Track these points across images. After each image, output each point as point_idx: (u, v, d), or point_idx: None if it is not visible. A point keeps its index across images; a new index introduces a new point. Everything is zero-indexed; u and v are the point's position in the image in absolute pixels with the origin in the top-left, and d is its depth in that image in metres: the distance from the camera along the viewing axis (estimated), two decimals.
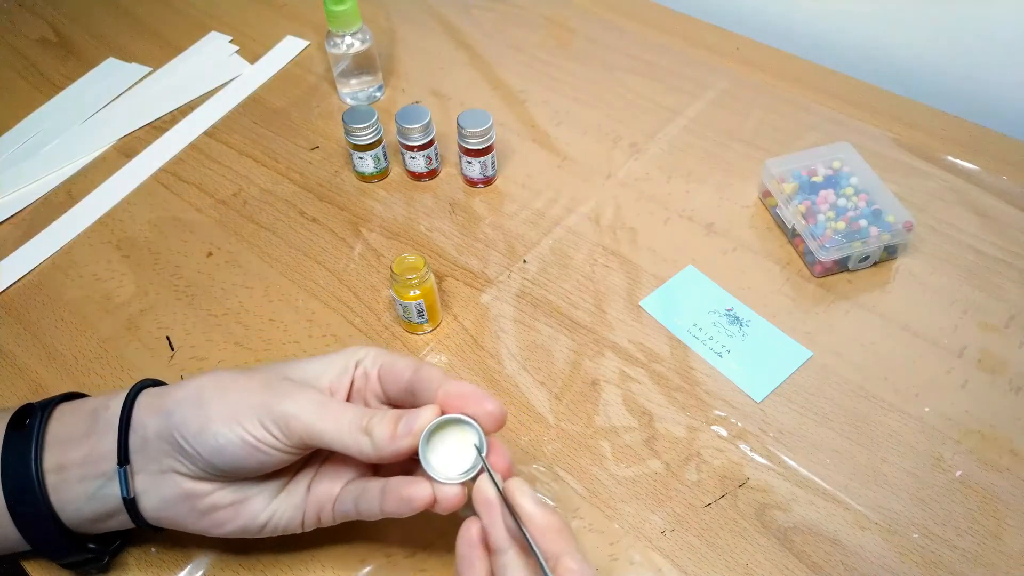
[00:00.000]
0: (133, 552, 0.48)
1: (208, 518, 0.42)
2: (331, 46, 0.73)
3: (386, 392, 0.44)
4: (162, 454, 0.41)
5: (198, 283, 0.62)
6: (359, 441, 0.40)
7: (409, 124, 0.65)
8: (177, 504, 0.41)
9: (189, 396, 0.41)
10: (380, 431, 0.40)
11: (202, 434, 0.39)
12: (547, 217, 0.66)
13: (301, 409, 0.40)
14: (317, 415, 0.40)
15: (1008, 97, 0.75)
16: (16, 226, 0.68)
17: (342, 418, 0.40)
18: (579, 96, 0.76)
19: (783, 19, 0.84)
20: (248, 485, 0.42)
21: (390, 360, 0.44)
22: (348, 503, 0.42)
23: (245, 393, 0.41)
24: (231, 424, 0.39)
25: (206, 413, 0.40)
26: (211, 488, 0.41)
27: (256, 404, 0.40)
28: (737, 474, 0.50)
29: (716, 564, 0.46)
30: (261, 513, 0.42)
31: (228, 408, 0.40)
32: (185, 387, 0.42)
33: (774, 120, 0.73)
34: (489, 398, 0.40)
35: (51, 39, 0.88)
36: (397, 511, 0.40)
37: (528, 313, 0.59)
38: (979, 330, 0.57)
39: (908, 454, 0.51)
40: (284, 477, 0.43)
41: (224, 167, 0.72)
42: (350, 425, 0.40)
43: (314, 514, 0.43)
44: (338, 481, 0.43)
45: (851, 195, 0.61)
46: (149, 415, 0.41)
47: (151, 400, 0.42)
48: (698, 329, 0.58)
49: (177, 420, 0.40)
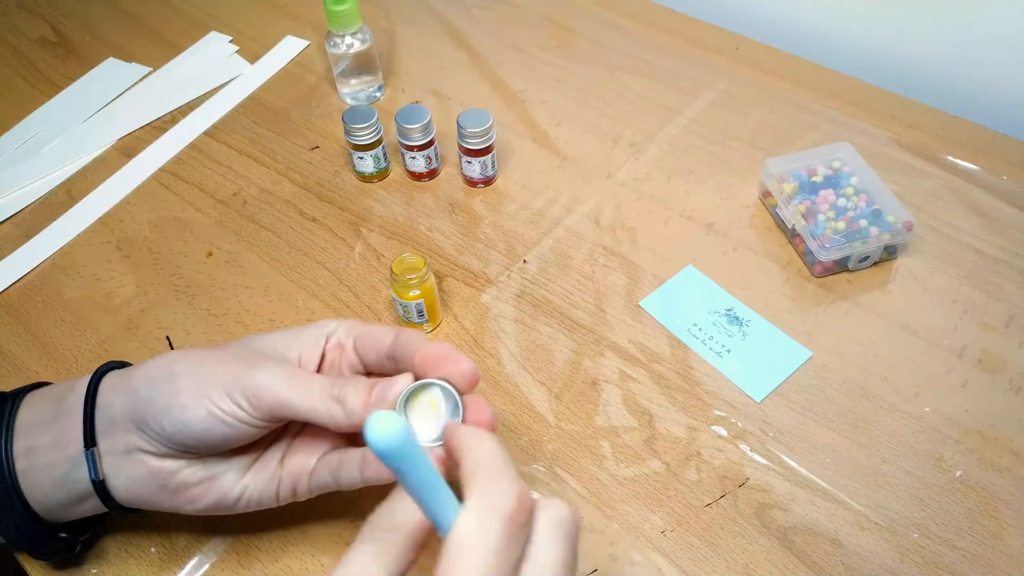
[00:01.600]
0: (133, 552, 0.48)
1: (180, 496, 0.41)
2: (331, 46, 0.73)
3: (364, 361, 0.43)
4: (128, 433, 0.40)
5: (198, 283, 0.62)
6: (331, 410, 0.39)
7: (409, 124, 0.65)
8: (146, 483, 0.41)
9: (156, 373, 0.41)
10: (353, 399, 0.39)
11: (170, 410, 0.39)
12: (547, 217, 0.66)
13: (270, 380, 0.39)
14: (287, 385, 0.39)
15: (1008, 97, 0.75)
16: (16, 226, 0.68)
17: (312, 387, 0.40)
18: (579, 96, 0.76)
19: (783, 19, 0.84)
20: (217, 461, 0.42)
21: (366, 329, 0.43)
22: (325, 475, 0.42)
23: (213, 367, 0.40)
24: (199, 398, 0.39)
25: (174, 388, 0.39)
26: (179, 466, 0.41)
27: (224, 377, 0.40)
28: (737, 474, 0.50)
29: (716, 564, 0.46)
30: (233, 488, 0.42)
31: (196, 382, 0.39)
32: (152, 364, 0.41)
33: (774, 120, 0.73)
34: (462, 358, 0.40)
35: (51, 39, 0.88)
36: (379, 478, 0.40)
37: (528, 313, 0.59)
38: (979, 330, 0.57)
39: (908, 454, 0.51)
40: (255, 452, 0.43)
41: (224, 167, 0.72)
42: (321, 394, 0.39)
43: (289, 487, 0.43)
44: (312, 454, 0.43)
45: (851, 195, 0.61)
46: (115, 395, 0.41)
47: (117, 380, 0.42)
48: (698, 329, 0.58)
49: (144, 397, 0.40)
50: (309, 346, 0.43)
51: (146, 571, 0.47)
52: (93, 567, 0.47)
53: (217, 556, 0.47)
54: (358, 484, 0.41)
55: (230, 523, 0.48)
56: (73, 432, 0.41)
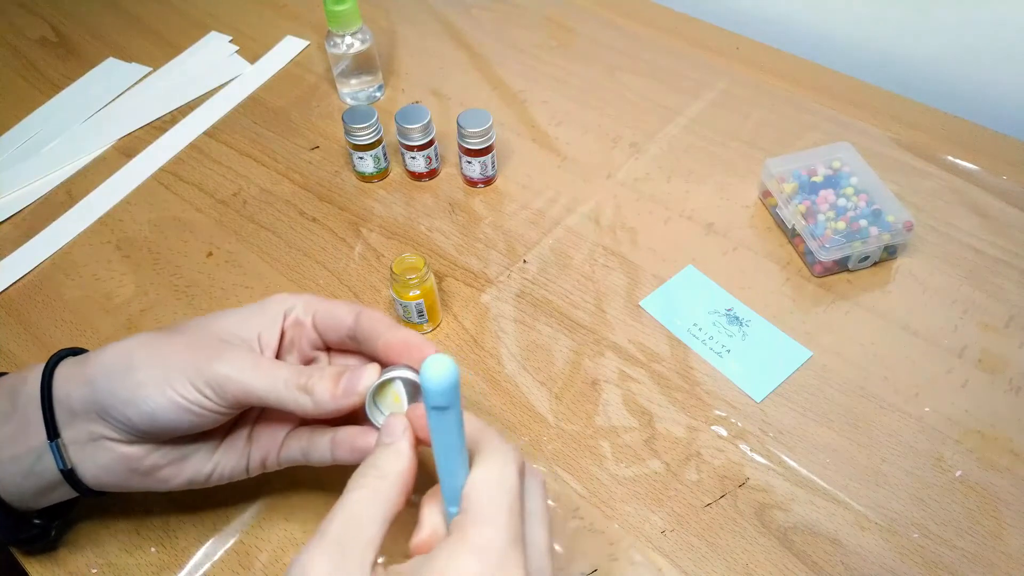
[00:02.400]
0: (133, 552, 0.48)
1: (151, 477, 0.41)
2: (331, 46, 0.73)
3: (325, 339, 0.43)
4: (91, 423, 0.40)
5: (198, 283, 0.62)
6: (298, 399, 0.39)
7: (409, 124, 0.65)
8: (116, 469, 0.41)
9: (115, 363, 0.40)
10: (321, 389, 0.39)
11: (132, 401, 0.39)
12: (547, 217, 0.66)
13: (234, 369, 0.39)
14: (252, 375, 0.39)
15: (1008, 97, 0.75)
16: (16, 226, 0.68)
17: (278, 376, 0.39)
18: (579, 96, 0.76)
19: (783, 19, 0.85)
20: (186, 443, 0.42)
21: (327, 307, 0.43)
22: (295, 451, 0.43)
23: (173, 355, 0.40)
24: (162, 388, 0.39)
25: (134, 380, 0.39)
26: (148, 450, 0.41)
27: (186, 366, 0.39)
28: (737, 474, 0.50)
29: (716, 564, 0.46)
30: (204, 466, 0.42)
31: (157, 373, 0.39)
32: (107, 353, 0.41)
33: (774, 120, 0.73)
34: (429, 344, 0.40)
35: (51, 39, 0.88)
36: (350, 459, 0.41)
37: (528, 313, 0.59)
38: (979, 330, 0.57)
39: (908, 454, 0.51)
40: (222, 431, 0.43)
41: (224, 167, 0.72)
42: (287, 383, 0.39)
43: (259, 461, 0.43)
44: (280, 429, 0.44)
45: (851, 195, 0.61)
46: (72, 386, 0.40)
47: (72, 370, 0.41)
48: (698, 329, 0.58)
49: (104, 388, 0.39)
50: (267, 326, 0.42)
51: (146, 571, 0.47)
52: (93, 567, 0.47)
53: (217, 556, 0.47)
54: (328, 463, 0.42)
55: (230, 523, 0.48)
56: (33, 425, 0.40)
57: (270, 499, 0.49)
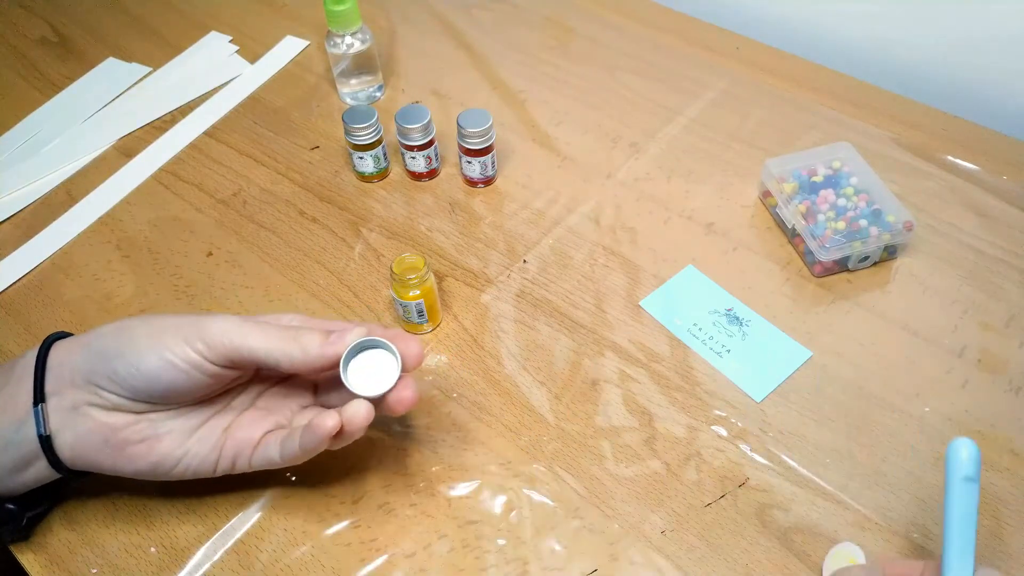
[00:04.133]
0: (133, 552, 0.48)
1: (121, 454, 0.43)
2: (331, 46, 0.73)
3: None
4: (78, 390, 0.42)
5: (198, 283, 0.62)
6: (287, 348, 0.42)
7: (409, 124, 0.65)
8: (91, 439, 0.42)
9: (110, 328, 0.43)
10: (310, 338, 0.42)
11: (122, 353, 0.41)
12: (547, 217, 0.66)
13: (228, 324, 0.42)
14: (244, 328, 0.42)
15: (1008, 97, 0.75)
16: (16, 226, 0.68)
17: (269, 331, 0.42)
18: (579, 96, 0.76)
19: (783, 19, 0.85)
20: (164, 419, 0.43)
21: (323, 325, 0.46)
22: (272, 447, 0.44)
23: (169, 319, 0.43)
24: (152, 344, 0.41)
25: (128, 337, 0.42)
26: (126, 421, 0.42)
27: (181, 325, 0.42)
28: (737, 474, 0.50)
29: (716, 564, 0.46)
30: (175, 451, 0.43)
31: (151, 331, 0.42)
32: (106, 324, 0.44)
33: (774, 120, 0.73)
34: (414, 338, 0.44)
35: (51, 39, 0.88)
36: (311, 442, 0.42)
37: (528, 313, 0.59)
38: (979, 330, 0.57)
39: (908, 454, 0.51)
40: (201, 416, 0.45)
41: (224, 167, 0.72)
42: (279, 334, 0.42)
43: (229, 458, 0.45)
44: (258, 429, 0.45)
45: (851, 195, 0.61)
46: (66, 353, 0.43)
47: (69, 342, 0.44)
48: (698, 329, 0.58)
49: (97, 348, 0.42)
50: None
51: (146, 571, 0.47)
52: (93, 567, 0.47)
53: (217, 556, 0.47)
54: (297, 455, 0.43)
55: (230, 523, 0.48)
56: (22, 395, 0.42)
57: (270, 499, 0.49)
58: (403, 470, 0.51)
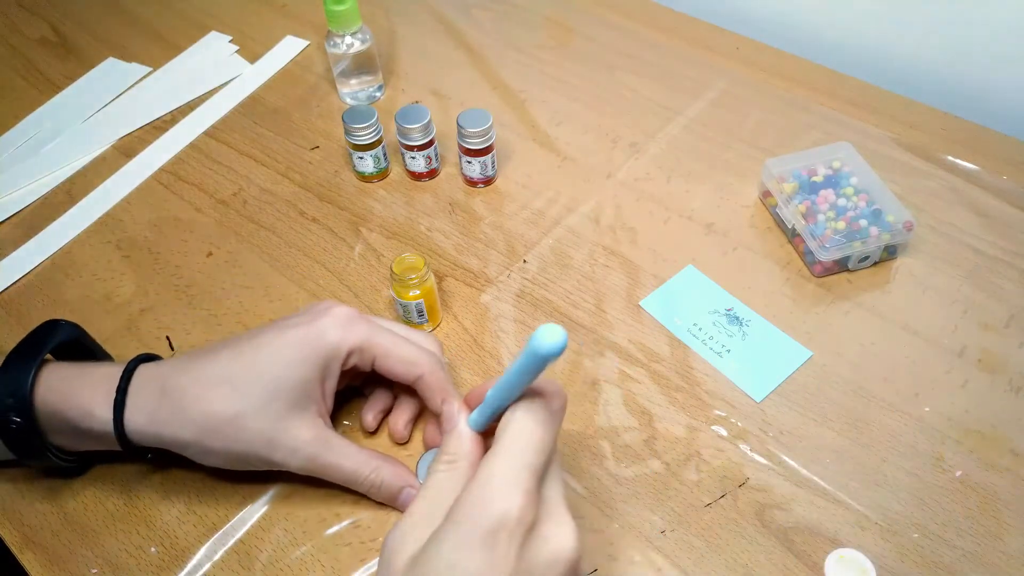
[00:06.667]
0: (133, 552, 0.48)
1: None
2: (331, 46, 0.73)
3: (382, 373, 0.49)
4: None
5: (198, 283, 0.62)
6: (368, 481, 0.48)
7: (409, 124, 0.65)
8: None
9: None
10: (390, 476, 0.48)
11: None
12: (547, 217, 0.66)
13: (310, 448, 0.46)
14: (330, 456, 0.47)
15: (1008, 97, 0.75)
16: (16, 226, 0.68)
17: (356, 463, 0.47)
18: (579, 96, 0.76)
19: (783, 19, 0.85)
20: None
21: (388, 362, 0.48)
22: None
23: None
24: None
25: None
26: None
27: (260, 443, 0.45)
28: (737, 474, 0.50)
29: (716, 564, 0.46)
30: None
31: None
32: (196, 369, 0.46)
33: (774, 120, 0.73)
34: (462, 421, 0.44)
35: (51, 39, 0.88)
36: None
37: (528, 313, 0.59)
38: (979, 330, 0.57)
39: (908, 454, 0.51)
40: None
41: (224, 167, 0.72)
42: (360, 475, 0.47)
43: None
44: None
45: (851, 195, 0.61)
46: (147, 380, 0.46)
47: (148, 369, 0.47)
48: (698, 329, 0.57)
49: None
50: (328, 375, 0.47)
51: (146, 571, 0.47)
52: (93, 567, 0.47)
53: (217, 556, 0.47)
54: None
55: (230, 523, 0.48)
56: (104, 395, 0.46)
57: (270, 499, 0.49)
58: None
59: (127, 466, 0.51)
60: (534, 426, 0.37)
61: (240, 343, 0.46)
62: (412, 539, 0.36)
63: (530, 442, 0.37)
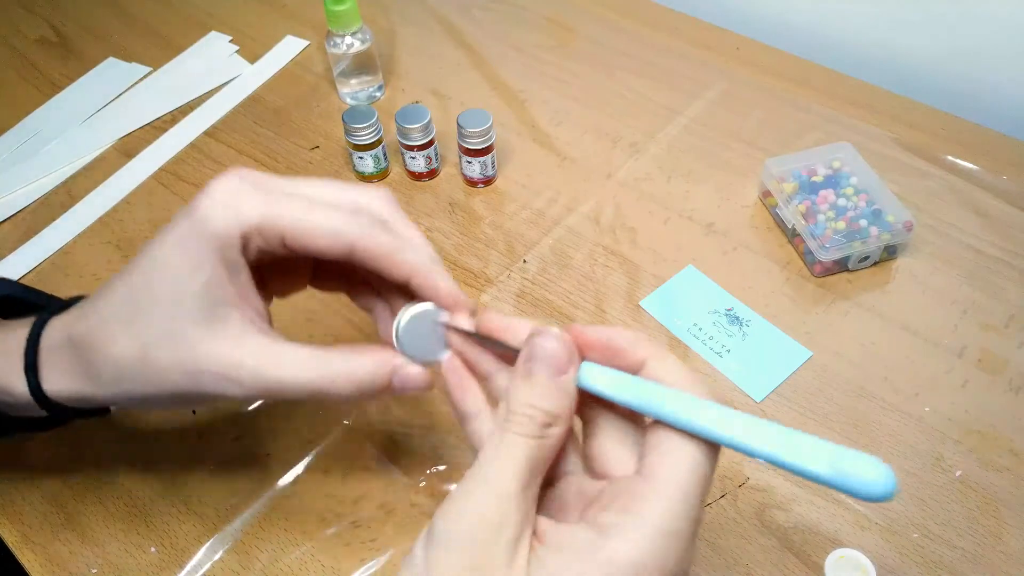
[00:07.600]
0: (133, 552, 0.48)
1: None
2: (331, 46, 0.73)
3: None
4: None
5: None
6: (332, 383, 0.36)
7: (409, 124, 0.65)
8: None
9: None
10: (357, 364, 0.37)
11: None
12: (547, 217, 0.66)
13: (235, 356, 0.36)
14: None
15: (1008, 97, 0.75)
16: (16, 226, 0.68)
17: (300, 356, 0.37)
18: (579, 96, 0.76)
19: (783, 19, 0.85)
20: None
21: (298, 232, 0.36)
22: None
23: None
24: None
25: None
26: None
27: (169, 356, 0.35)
28: (737, 474, 0.50)
29: (716, 564, 0.46)
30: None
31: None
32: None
33: (774, 120, 0.73)
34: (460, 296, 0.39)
35: (51, 39, 0.88)
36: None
37: (528, 313, 0.59)
38: (979, 330, 0.57)
39: (908, 454, 0.51)
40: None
41: (224, 167, 0.71)
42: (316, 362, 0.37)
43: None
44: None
45: (851, 195, 0.61)
46: (60, 328, 0.38)
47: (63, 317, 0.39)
48: (698, 329, 0.57)
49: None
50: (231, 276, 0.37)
51: (146, 571, 0.47)
52: (93, 567, 0.47)
53: (217, 556, 0.47)
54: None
55: (230, 523, 0.48)
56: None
57: (270, 499, 0.49)
58: (403, 470, 0.51)
59: (127, 466, 0.51)
60: (709, 472, 0.30)
61: (130, 264, 0.37)
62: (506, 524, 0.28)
63: (701, 486, 0.29)
